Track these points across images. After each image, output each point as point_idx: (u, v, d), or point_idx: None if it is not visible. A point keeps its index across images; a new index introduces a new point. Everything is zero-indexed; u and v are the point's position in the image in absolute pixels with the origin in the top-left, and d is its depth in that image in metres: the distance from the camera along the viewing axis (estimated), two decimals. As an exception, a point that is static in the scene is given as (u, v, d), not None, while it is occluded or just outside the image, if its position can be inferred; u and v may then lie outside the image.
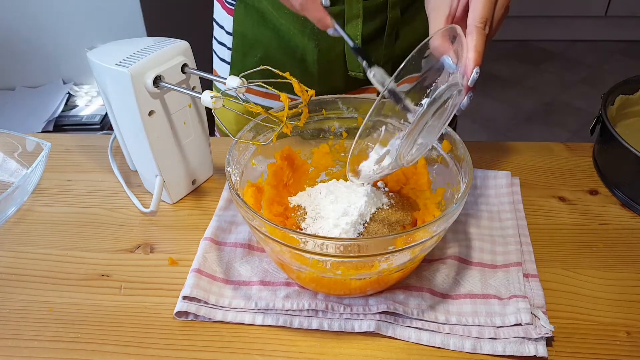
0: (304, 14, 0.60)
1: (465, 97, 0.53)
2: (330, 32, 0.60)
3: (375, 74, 0.58)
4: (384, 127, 0.68)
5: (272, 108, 0.62)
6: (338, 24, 0.60)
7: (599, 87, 2.44)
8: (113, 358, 0.56)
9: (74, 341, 0.57)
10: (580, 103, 2.43)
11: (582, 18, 2.74)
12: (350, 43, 0.59)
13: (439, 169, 0.65)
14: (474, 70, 0.52)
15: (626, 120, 0.79)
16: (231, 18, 0.80)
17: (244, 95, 0.64)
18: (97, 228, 0.71)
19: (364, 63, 0.58)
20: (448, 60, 0.52)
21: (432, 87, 0.53)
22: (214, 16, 0.85)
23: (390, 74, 0.79)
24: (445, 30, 0.53)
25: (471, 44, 0.52)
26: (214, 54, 0.87)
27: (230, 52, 0.82)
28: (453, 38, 0.53)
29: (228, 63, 0.83)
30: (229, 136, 0.63)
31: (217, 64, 0.87)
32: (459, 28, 0.53)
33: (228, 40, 0.82)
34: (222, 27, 0.83)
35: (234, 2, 0.78)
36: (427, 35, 0.77)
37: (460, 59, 0.53)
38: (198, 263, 0.63)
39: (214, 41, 0.87)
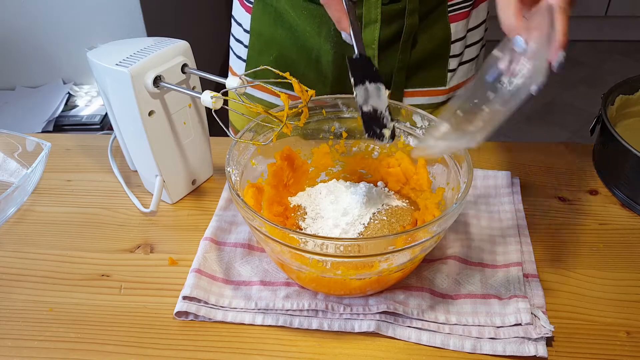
0: (326, 8, 0.60)
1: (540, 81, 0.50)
2: (344, 35, 0.60)
3: (357, 95, 0.58)
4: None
5: (279, 106, 0.62)
6: (353, 30, 0.59)
7: (599, 87, 2.42)
8: (113, 358, 0.56)
9: (74, 341, 0.57)
10: (580, 103, 2.43)
11: (582, 18, 2.74)
12: (355, 52, 0.59)
13: (438, 169, 0.65)
14: (560, 54, 0.49)
15: (626, 120, 0.79)
16: (249, 16, 0.80)
17: (244, 94, 0.64)
18: (97, 228, 0.71)
19: (352, 80, 0.57)
20: (520, 41, 0.50)
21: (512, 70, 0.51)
22: (232, 13, 0.86)
23: (404, 80, 0.78)
24: (517, 8, 0.49)
25: (558, 27, 0.49)
26: (230, 51, 0.88)
27: (246, 50, 0.83)
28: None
29: (244, 60, 0.84)
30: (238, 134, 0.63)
31: (233, 61, 0.88)
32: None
33: (245, 38, 0.83)
34: (240, 25, 0.83)
35: (252, 0, 0.79)
36: (447, 43, 0.77)
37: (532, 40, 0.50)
38: (198, 263, 0.63)
39: (231, 38, 0.88)
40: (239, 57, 0.85)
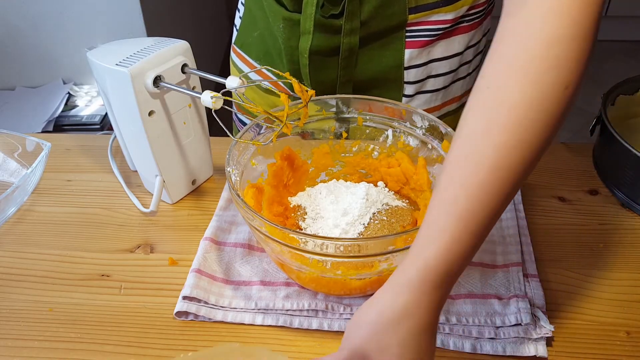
0: None
1: None
2: None
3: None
4: (390, 130, 0.68)
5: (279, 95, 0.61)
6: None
7: (599, 87, 2.43)
8: (113, 358, 0.56)
9: (74, 341, 0.57)
10: (580, 103, 2.43)
11: (582, 18, 2.73)
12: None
13: (439, 169, 0.65)
14: None
15: (626, 120, 0.79)
16: None
17: (244, 94, 0.64)
18: (97, 228, 0.71)
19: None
20: None
21: None
22: None
23: (350, 93, 0.78)
24: None
25: None
26: None
27: (240, 20, 0.85)
28: None
29: (237, 29, 0.86)
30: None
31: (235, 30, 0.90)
32: None
33: (242, 10, 0.85)
34: None
35: None
36: (398, 68, 0.75)
37: None
38: (198, 263, 0.63)
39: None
40: (234, 25, 0.87)
